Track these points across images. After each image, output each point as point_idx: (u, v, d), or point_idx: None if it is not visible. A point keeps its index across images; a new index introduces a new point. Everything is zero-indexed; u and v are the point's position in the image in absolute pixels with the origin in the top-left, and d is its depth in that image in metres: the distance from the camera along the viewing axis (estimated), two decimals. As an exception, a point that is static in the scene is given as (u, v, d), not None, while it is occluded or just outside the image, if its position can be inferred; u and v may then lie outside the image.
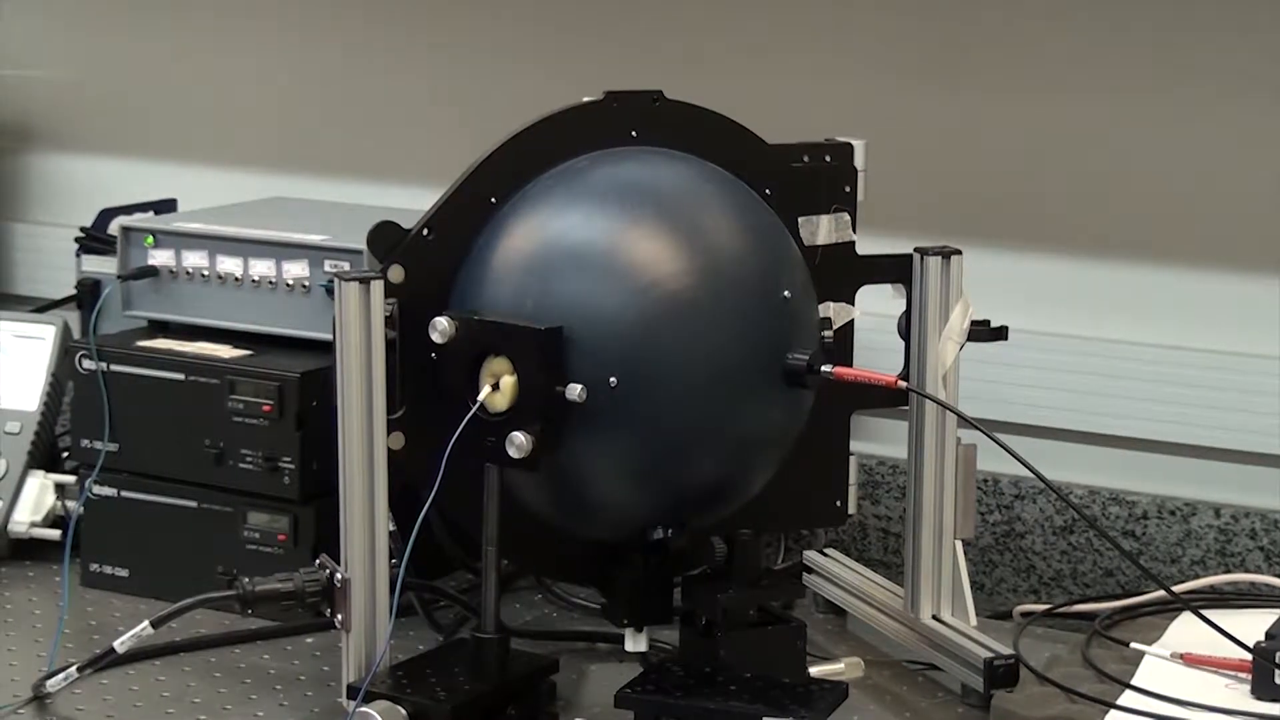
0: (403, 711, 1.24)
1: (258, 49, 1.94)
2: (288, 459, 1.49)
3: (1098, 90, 1.61)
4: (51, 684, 1.34)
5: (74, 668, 1.35)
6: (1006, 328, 1.43)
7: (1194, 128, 1.58)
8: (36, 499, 1.63)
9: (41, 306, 1.89)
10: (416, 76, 1.87)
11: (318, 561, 1.31)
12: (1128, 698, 1.29)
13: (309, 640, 1.47)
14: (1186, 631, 1.40)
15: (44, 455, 1.66)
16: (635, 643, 1.35)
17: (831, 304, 1.39)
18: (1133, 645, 1.38)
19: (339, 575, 1.28)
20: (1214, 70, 1.57)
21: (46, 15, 2.04)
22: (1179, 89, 1.58)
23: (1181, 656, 1.35)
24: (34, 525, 1.62)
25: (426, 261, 1.30)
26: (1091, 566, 1.62)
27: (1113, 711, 1.28)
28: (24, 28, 2.05)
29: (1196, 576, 1.55)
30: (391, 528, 1.29)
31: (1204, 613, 1.30)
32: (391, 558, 1.29)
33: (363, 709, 1.23)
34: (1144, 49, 1.59)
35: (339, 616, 1.28)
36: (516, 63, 1.81)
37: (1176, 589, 1.43)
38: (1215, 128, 1.57)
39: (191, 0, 1.97)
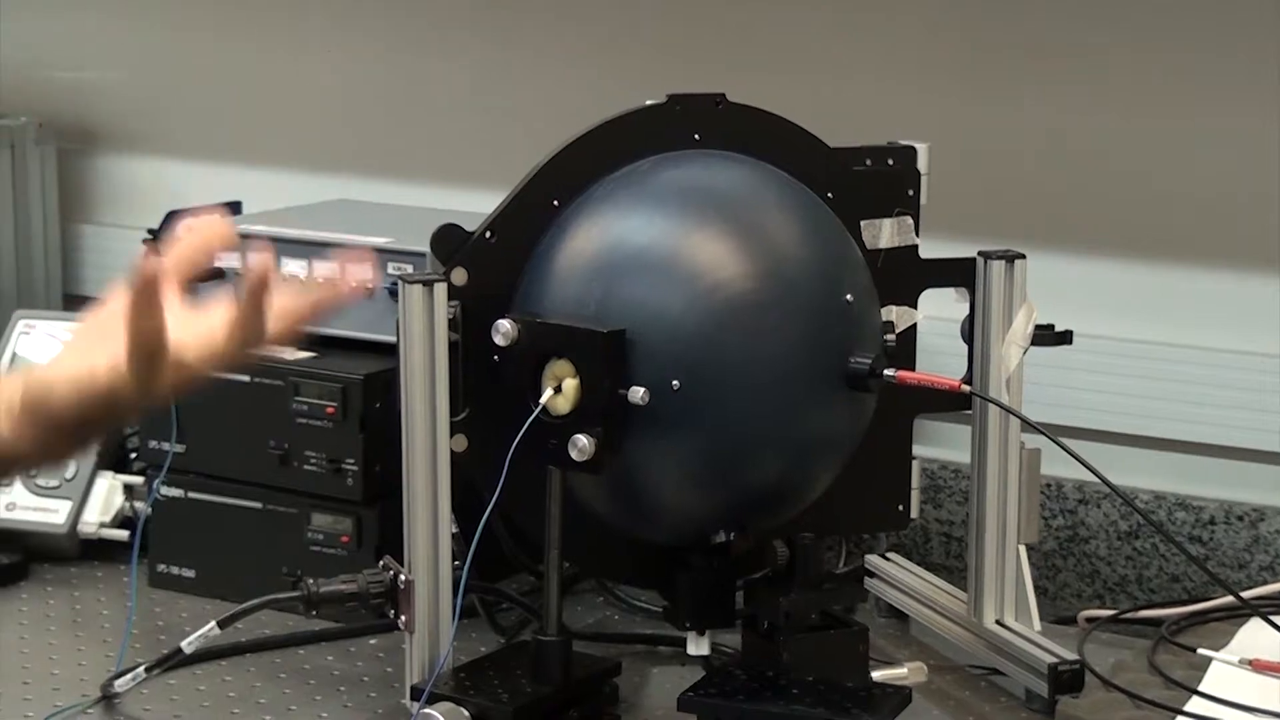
0: (466, 713, 1.24)
1: (323, 52, 1.95)
2: (351, 461, 1.49)
3: (1164, 95, 1.59)
4: (120, 684, 1.36)
5: (142, 668, 1.36)
6: (1071, 332, 1.42)
7: (1269, 130, 1.56)
8: (105, 500, 1.64)
9: (110, 308, 1.91)
10: (480, 80, 1.87)
11: (381, 563, 1.31)
12: (1195, 704, 1.29)
13: (372, 641, 1.48)
14: (1255, 637, 1.38)
15: (113, 456, 1.67)
16: (697, 646, 1.34)
17: (894, 307, 1.39)
18: (1200, 651, 1.37)
19: (402, 577, 1.28)
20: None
21: (114, 17, 2.06)
22: (1250, 93, 1.56)
23: (1250, 663, 1.34)
24: (103, 526, 1.63)
25: (489, 264, 1.30)
26: (1157, 572, 1.61)
27: (1180, 718, 1.27)
28: (91, 30, 2.07)
29: (1265, 582, 1.53)
30: (454, 530, 1.30)
31: (1273, 619, 1.29)
32: (454, 560, 1.30)
33: (426, 710, 1.24)
34: (1210, 54, 1.57)
35: (403, 618, 1.29)
36: (580, 66, 1.82)
37: (1245, 595, 1.42)
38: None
39: (258, 4, 1.98)
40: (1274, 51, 1.55)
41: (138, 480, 1.64)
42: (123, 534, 1.62)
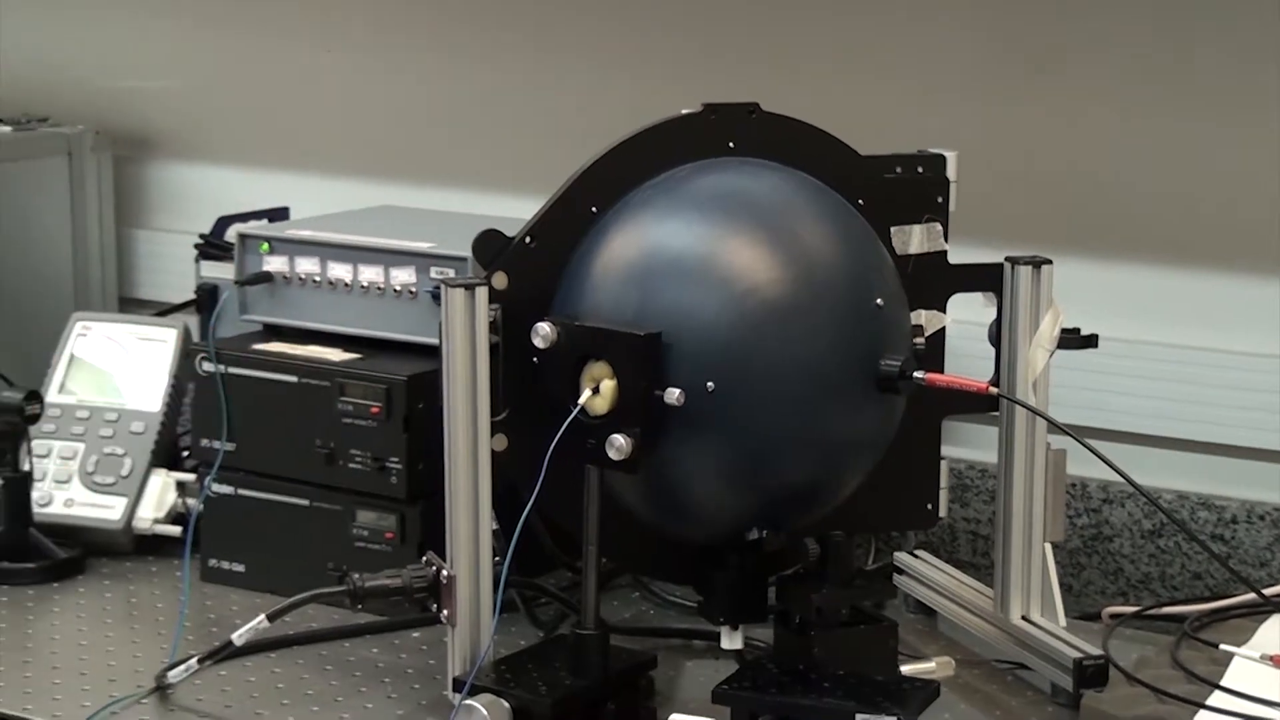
0: (506, 705, 1.26)
1: (368, 62, 1.97)
2: (395, 459, 1.52)
3: (1188, 100, 1.60)
4: (173, 675, 1.38)
5: (194, 659, 1.39)
6: (1097, 335, 1.44)
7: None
8: (159, 496, 1.67)
9: (163, 310, 1.94)
10: (521, 89, 1.89)
11: (424, 559, 1.34)
12: (1217, 698, 1.29)
13: (416, 635, 1.50)
14: (1276, 634, 1.40)
15: (166, 454, 1.70)
16: (731, 640, 1.36)
17: (923, 311, 1.41)
18: (1222, 647, 1.38)
19: (445, 572, 1.31)
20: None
21: (169, 29, 2.08)
22: (1270, 100, 1.58)
23: (1271, 658, 1.35)
24: (157, 522, 1.66)
25: (529, 268, 1.32)
26: (1180, 570, 1.62)
27: (1202, 712, 1.28)
28: (147, 41, 2.10)
29: (1286, 581, 1.55)
30: (494, 527, 1.32)
31: (1292, 616, 1.30)
32: (494, 556, 1.32)
33: (468, 701, 1.26)
34: (1236, 60, 1.58)
35: (445, 612, 1.31)
36: (617, 76, 1.83)
37: (1266, 592, 1.43)
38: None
39: (307, 13, 2.00)
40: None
41: (190, 478, 1.67)
42: (175, 530, 1.65)
